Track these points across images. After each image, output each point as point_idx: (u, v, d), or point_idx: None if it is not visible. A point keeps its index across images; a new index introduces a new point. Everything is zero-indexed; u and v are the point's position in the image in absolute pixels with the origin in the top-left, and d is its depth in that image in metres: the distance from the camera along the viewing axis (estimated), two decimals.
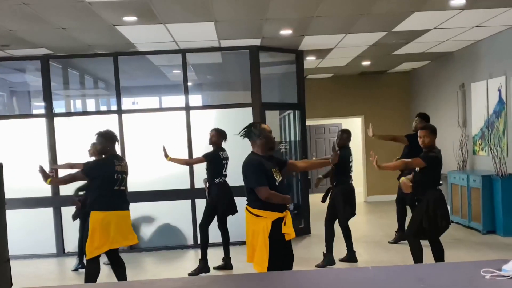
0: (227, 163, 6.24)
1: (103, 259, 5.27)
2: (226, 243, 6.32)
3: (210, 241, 6.26)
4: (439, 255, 5.21)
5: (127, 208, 5.13)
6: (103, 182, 4.99)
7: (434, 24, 6.86)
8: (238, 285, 1.86)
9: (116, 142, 5.20)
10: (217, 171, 6.18)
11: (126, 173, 5.14)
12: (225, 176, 6.24)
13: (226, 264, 6.33)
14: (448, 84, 9.64)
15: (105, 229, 4.91)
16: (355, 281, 1.93)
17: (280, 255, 4.00)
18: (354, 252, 6.33)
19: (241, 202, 4.70)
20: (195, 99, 8.36)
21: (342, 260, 6.33)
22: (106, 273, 5.83)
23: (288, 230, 3.99)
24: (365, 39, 7.65)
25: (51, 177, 5.43)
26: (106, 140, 5.08)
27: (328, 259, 6.18)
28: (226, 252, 6.34)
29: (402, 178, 5.51)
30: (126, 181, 5.15)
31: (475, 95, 8.52)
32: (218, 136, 6.22)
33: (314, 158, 12.14)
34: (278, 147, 4.41)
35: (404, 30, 7.08)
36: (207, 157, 6.20)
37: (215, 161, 6.17)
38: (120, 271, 5.16)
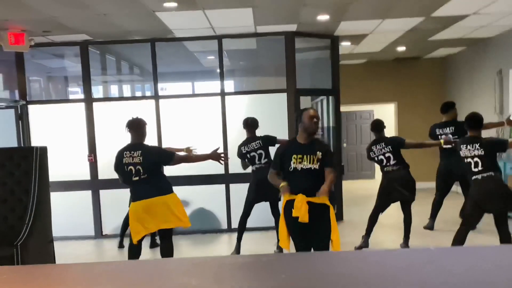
0: (257, 154, 6.16)
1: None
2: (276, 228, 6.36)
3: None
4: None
5: (158, 194, 5.04)
6: (121, 175, 5.15)
7: (474, 9, 6.72)
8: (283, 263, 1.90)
9: (136, 129, 5.09)
10: (250, 162, 6.23)
11: (140, 163, 4.99)
12: (261, 164, 6.15)
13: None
14: (485, 71, 9.46)
15: (135, 218, 5.07)
16: (417, 261, 1.94)
17: (300, 236, 4.31)
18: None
19: None
20: (228, 85, 8.39)
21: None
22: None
23: (297, 213, 4.15)
24: (402, 24, 7.56)
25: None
26: (127, 129, 5.13)
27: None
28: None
29: None
30: (145, 171, 5.01)
31: None
32: (244, 126, 6.29)
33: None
34: (319, 132, 4.47)
35: (443, 15, 6.97)
36: (238, 156, 6.31)
37: (242, 156, 6.25)
38: (163, 252, 5.31)
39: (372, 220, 6.36)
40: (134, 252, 5.24)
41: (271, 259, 2.04)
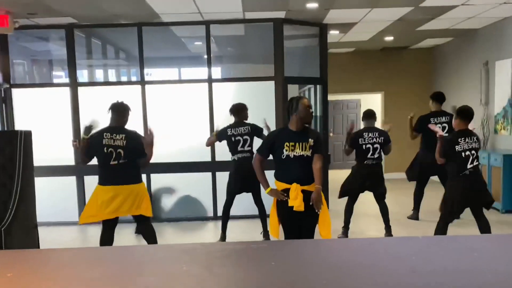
0: (242, 139, 6.07)
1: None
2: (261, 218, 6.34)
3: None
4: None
5: (129, 183, 4.94)
6: (97, 156, 4.99)
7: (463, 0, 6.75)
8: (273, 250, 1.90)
9: (119, 112, 4.98)
10: (231, 148, 6.14)
11: (122, 147, 4.88)
12: (244, 152, 6.08)
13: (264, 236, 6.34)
14: (472, 62, 9.52)
15: (95, 202, 4.99)
16: (406, 250, 1.95)
17: (292, 225, 4.31)
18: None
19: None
20: (215, 72, 8.33)
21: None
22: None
23: (293, 202, 4.20)
24: (391, 13, 7.56)
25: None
26: (110, 110, 5.01)
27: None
28: (263, 226, 6.35)
29: None
30: (126, 155, 4.90)
31: (499, 73, 8.42)
32: (231, 112, 6.22)
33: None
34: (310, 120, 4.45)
35: (431, 5, 6.97)
36: (217, 135, 6.19)
37: (224, 138, 6.11)
38: (145, 236, 5.28)
39: (349, 212, 6.42)
40: (108, 238, 5.11)
41: (261, 246, 2.04)
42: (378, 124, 6.66)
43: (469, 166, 5.11)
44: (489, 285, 1.62)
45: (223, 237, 6.32)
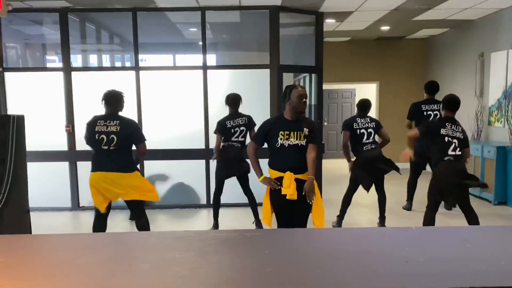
0: (239, 130, 6.09)
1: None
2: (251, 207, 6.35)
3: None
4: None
5: (118, 171, 4.91)
6: (88, 142, 5.01)
7: None
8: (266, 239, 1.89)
9: (112, 103, 4.94)
10: (226, 137, 6.10)
11: (115, 133, 4.85)
12: (236, 142, 6.09)
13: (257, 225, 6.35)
14: (467, 53, 9.52)
15: (96, 190, 4.99)
16: (400, 240, 1.95)
17: (285, 214, 4.33)
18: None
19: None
20: (210, 59, 8.28)
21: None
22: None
23: (286, 191, 4.23)
24: (387, 3, 7.53)
25: None
26: (103, 102, 4.98)
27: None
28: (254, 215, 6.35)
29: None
30: (119, 141, 4.87)
31: (494, 65, 8.43)
32: (226, 102, 6.20)
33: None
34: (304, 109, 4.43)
35: None
36: (219, 133, 6.11)
37: (226, 131, 6.08)
38: (138, 227, 5.26)
39: (347, 202, 6.43)
40: (101, 226, 5.10)
41: (254, 234, 2.03)
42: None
43: (450, 152, 5.12)
44: (482, 275, 1.62)
45: (215, 225, 6.33)
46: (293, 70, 8.44)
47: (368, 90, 11.77)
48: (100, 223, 5.11)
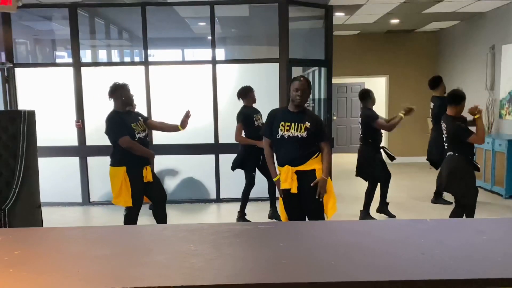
0: (261, 125, 6.11)
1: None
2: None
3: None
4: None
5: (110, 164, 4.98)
6: None
7: None
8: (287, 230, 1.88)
9: (113, 96, 4.95)
10: (250, 132, 6.11)
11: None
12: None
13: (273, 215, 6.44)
14: (478, 46, 9.43)
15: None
16: (415, 232, 1.94)
17: (292, 208, 4.33)
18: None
19: None
20: (219, 53, 8.26)
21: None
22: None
23: (284, 184, 4.27)
24: None
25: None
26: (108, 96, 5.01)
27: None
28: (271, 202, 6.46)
29: None
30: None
31: (505, 57, 8.34)
32: (239, 96, 6.23)
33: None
34: (309, 103, 4.43)
35: None
36: (242, 122, 6.12)
37: (250, 125, 6.11)
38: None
39: (372, 196, 6.40)
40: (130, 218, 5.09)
41: (268, 227, 2.02)
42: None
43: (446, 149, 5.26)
44: (499, 267, 1.61)
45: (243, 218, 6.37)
46: (302, 64, 8.40)
47: (378, 84, 11.71)
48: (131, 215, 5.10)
